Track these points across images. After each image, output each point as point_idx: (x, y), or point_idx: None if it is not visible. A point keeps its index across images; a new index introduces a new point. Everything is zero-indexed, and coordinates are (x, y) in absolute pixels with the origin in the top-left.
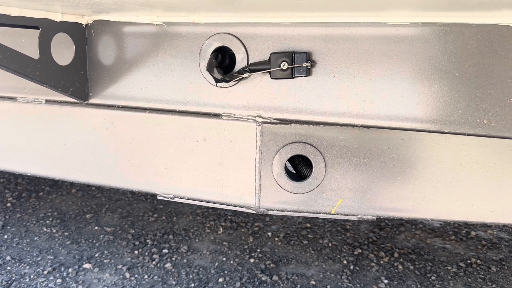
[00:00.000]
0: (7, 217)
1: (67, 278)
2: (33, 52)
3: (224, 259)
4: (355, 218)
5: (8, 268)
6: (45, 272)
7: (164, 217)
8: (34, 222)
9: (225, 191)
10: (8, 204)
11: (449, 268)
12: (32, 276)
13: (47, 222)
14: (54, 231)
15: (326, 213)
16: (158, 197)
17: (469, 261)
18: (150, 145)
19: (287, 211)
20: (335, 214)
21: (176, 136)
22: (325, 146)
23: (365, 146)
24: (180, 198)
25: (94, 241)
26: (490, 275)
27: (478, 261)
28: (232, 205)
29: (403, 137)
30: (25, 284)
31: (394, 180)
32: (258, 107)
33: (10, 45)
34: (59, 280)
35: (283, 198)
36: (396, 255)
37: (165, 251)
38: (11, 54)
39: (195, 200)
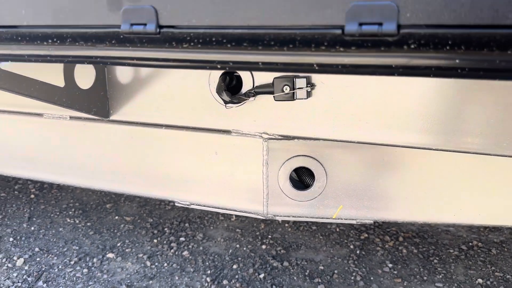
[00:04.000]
0: (32, 208)
1: (93, 268)
2: (55, 77)
3: (237, 246)
4: (354, 222)
5: (38, 259)
6: (72, 262)
7: None
8: (58, 213)
9: (236, 199)
10: (32, 196)
11: (451, 251)
12: (60, 267)
13: (70, 213)
14: (77, 221)
15: (328, 218)
16: (176, 204)
17: (470, 243)
18: (167, 158)
19: (293, 216)
20: (336, 219)
21: (190, 149)
22: (326, 159)
23: (362, 159)
24: (195, 205)
25: (115, 231)
26: (490, 257)
27: (480, 243)
28: (242, 212)
29: (397, 149)
30: (55, 274)
31: (388, 188)
32: (264, 125)
33: (36, 76)
34: (85, 270)
35: (288, 205)
36: (400, 239)
37: (182, 239)
38: (40, 86)
39: (209, 207)
